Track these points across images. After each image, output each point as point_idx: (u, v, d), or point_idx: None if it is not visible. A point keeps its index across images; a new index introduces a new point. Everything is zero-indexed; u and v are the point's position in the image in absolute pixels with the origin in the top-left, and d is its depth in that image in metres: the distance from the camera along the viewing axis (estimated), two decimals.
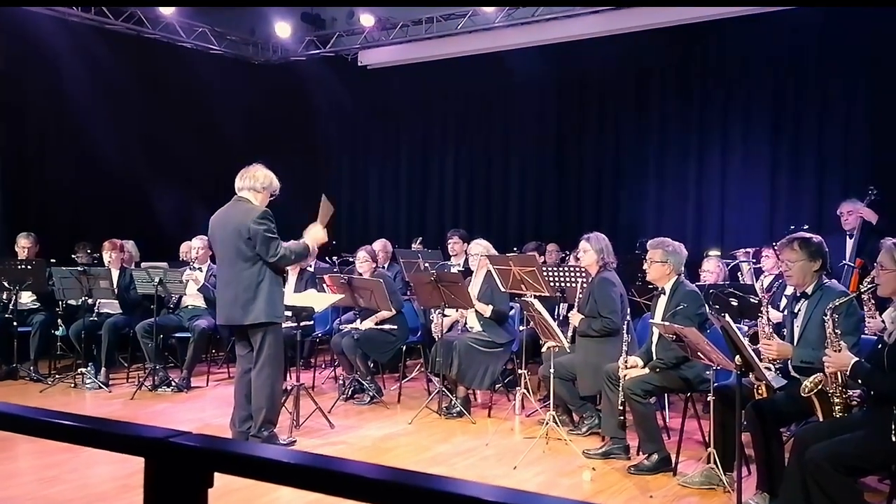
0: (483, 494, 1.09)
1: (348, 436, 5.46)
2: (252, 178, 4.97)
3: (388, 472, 1.18)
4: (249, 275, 4.82)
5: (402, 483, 1.16)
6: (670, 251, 4.86)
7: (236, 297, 4.86)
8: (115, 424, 1.44)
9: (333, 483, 1.19)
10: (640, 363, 4.80)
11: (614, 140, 9.57)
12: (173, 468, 1.28)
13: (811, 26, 8.00)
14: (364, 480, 1.16)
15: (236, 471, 1.28)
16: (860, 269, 6.17)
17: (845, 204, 6.61)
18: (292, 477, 1.24)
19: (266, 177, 5.00)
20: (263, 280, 4.84)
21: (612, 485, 4.43)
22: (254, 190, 4.95)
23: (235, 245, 4.83)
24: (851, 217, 6.48)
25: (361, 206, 11.74)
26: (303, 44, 11.11)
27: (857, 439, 3.25)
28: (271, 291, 4.88)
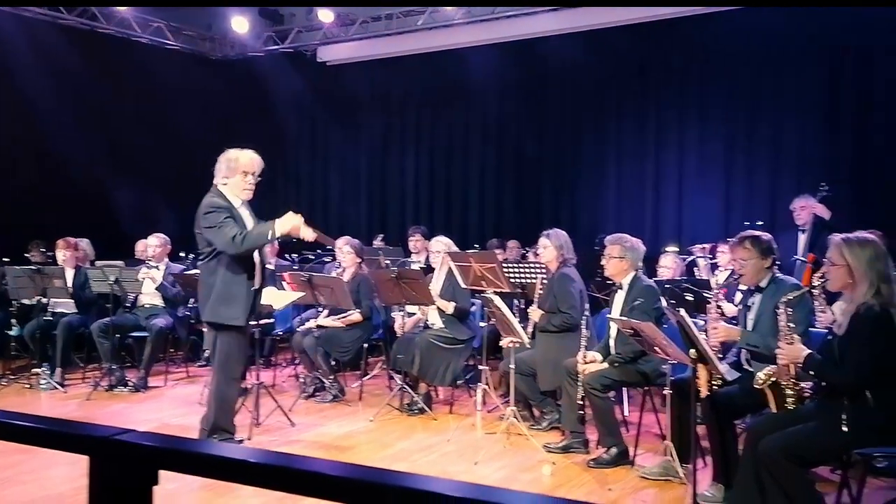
0: (443, 489, 1.11)
1: (309, 434, 5.43)
2: (218, 167, 4.67)
3: (346, 469, 1.18)
4: (206, 270, 4.63)
5: (362, 479, 1.17)
6: (628, 247, 4.93)
7: (200, 293, 4.73)
8: (58, 423, 1.42)
9: (288, 480, 1.19)
10: (599, 358, 4.87)
11: (573, 137, 9.65)
12: (117, 466, 1.26)
13: (766, 26, 8.16)
14: (320, 477, 1.16)
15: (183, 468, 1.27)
16: (812, 264, 6.33)
17: (798, 200, 6.77)
18: (241, 474, 1.24)
19: (229, 160, 4.63)
20: (217, 277, 4.53)
21: (571, 478, 4.48)
22: (220, 183, 4.66)
23: (198, 240, 4.66)
24: (804, 212, 6.63)
25: (321, 203, 11.67)
26: (261, 39, 11.01)
27: (809, 430, 3.33)
28: (224, 290, 4.52)
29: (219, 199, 4.58)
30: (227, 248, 4.46)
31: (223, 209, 4.52)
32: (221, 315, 4.55)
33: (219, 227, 4.46)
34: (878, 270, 3.28)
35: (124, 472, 1.26)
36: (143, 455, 1.27)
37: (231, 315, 4.55)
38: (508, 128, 10.13)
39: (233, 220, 4.52)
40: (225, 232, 4.44)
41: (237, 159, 4.66)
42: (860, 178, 7.70)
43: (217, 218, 4.47)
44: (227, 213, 4.51)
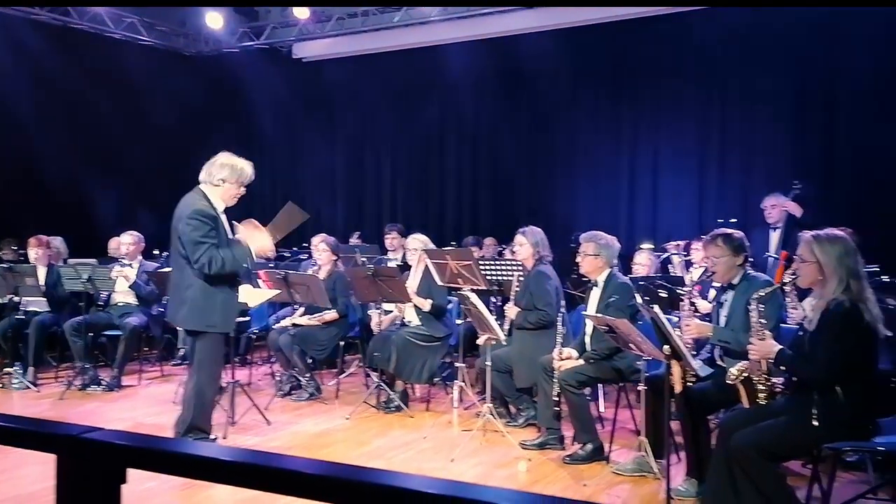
0: (420, 486, 1.11)
1: (284, 432, 5.41)
2: (211, 171, 4.55)
3: (322, 466, 1.18)
4: (184, 275, 4.52)
5: (337, 477, 1.17)
6: (603, 244, 4.97)
7: (174, 295, 4.64)
8: (25, 422, 1.40)
9: (264, 478, 1.19)
10: (575, 355, 4.90)
11: (549, 135, 9.69)
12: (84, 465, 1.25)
13: (738, 24, 8.24)
14: (295, 475, 1.16)
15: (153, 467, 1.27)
16: (785, 261, 6.41)
17: (768, 198, 6.85)
18: (214, 472, 1.23)
19: (230, 169, 4.53)
20: (196, 283, 4.44)
21: (547, 475, 4.51)
22: (210, 184, 4.54)
23: (175, 241, 4.52)
24: (775, 211, 6.71)
25: (297, 200, 11.46)
26: (236, 35, 10.92)
27: (781, 425, 3.38)
28: (204, 297, 4.45)
29: (206, 207, 4.46)
30: (201, 267, 4.36)
31: (209, 220, 4.40)
32: (202, 322, 4.50)
33: (200, 243, 4.35)
34: (847, 266, 3.33)
35: (91, 470, 1.25)
36: (110, 453, 1.26)
37: (212, 322, 4.50)
38: (484, 125, 10.15)
39: (216, 235, 4.42)
40: (206, 253, 4.34)
41: (243, 170, 4.59)
42: (829, 175, 7.81)
43: (201, 230, 4.37)
44: (211, 226, 4.40)
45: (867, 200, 7.49)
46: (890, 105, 7.55)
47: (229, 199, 4.60)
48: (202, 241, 4.35)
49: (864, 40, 7.61)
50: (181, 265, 4.53)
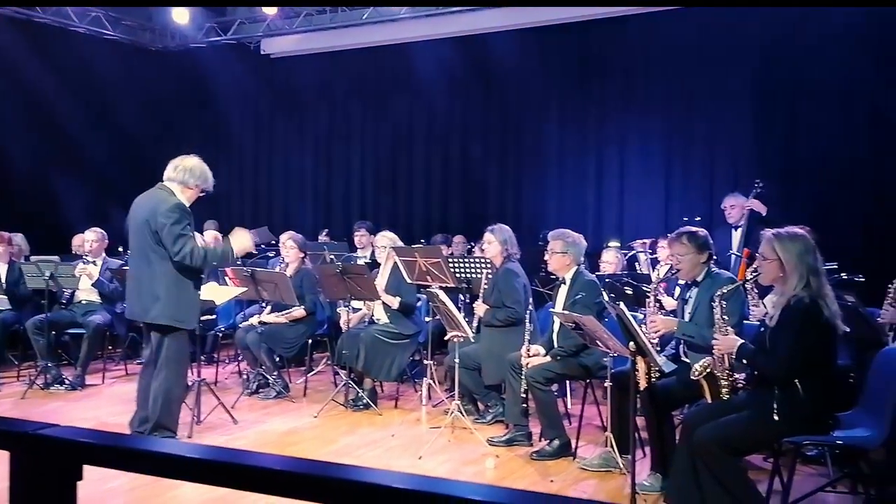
0: (387, 481, 1.12)
1: (251, 431, 5.38)
2: (187, 171, 4.64)
3: (288, 463, 1.18)
4: (154, 271, 4.53)
5: (304, 473, 1.17)
6: (570, 242, 5.01)
7: (140, 291, 4.62)
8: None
9: (228, 475, 1.18)
10: (542, 351, 4.94)
11: (517, 133, 9.73)
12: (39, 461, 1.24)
13: (702, 28, 8.36)
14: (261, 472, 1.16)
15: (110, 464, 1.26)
16: (748, 259, 6.52)
17: (728, 198, 6.95)
18: (172, 469, 1.23)
19: (203, 173, 4.69)
20: (169, 279, 4.51)
21: (514, 471, 4.54)
22: (184, 184, 4.63)
23: (144, 237, 4.54)
24: (734, 211, 6.82)
25: (266, 197, 11.54)
26: (202, 31, 10.79)
27: (742, 420, 3.44)
28: (179, 293, 4.54)
29: (183, 203, 4.60)
30: (182, 258, 4.48)
31: (187, 216, 4.57)
32: (174, 318, 4.56)
33: (182, 236, 4.48)
34: (807, 264, 3.40)
35: (46, 467, 1.24)
36: (65, 450, 1.25)
37: (183, 318, 4.61)
38: (453, 123, 10.16)
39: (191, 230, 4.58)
40: (188, 245, 4.48)
41: (206, 179, 4.74)
42: (790, 175, 7.95)
43: (182, 224, 4.50)
44: (189, 220, 4.56)
45: (826, 200, 7.66)
46: (848, 107, 7.71)
47: (190, 201, 4.73)
48: (184, 234, 4.48)
49: (825, 41, 7.76)
50: (149, 261, 4.56)
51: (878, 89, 7.50)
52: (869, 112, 7.61)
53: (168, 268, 4.52)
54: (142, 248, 4.58)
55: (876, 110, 7.52)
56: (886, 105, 7.38)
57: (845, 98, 7.73)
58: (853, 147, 7.67)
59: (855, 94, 7.68)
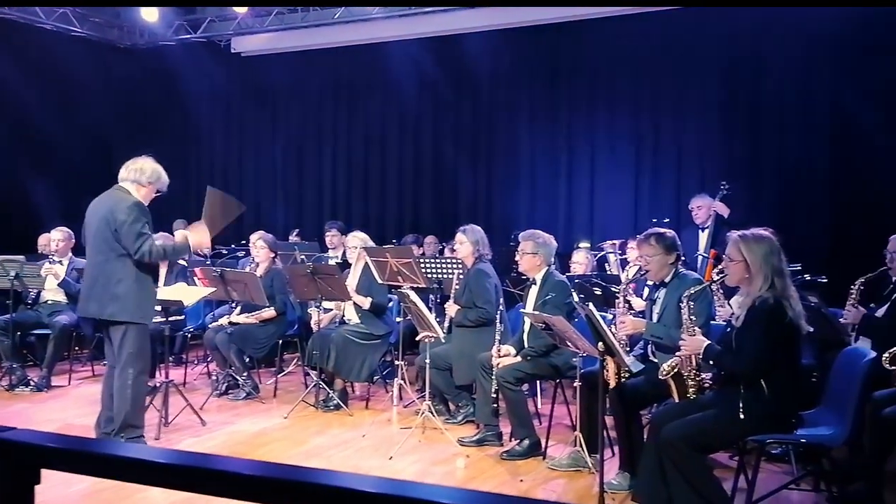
0: (356, 485, 1.12)
1: (220, 432, 5.34)
2: (138, 170, 4.72)
3: (257, 467, 1.18)
4: (114, 269, 4.58)
5: (274, 477, 1.17)
6: (541, 243, 5.04)
7: (98, 289, 4.63)
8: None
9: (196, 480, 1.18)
10: (513, 352, 4.97)
11: (489, 134, 9.75)
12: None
13: (671, 31, 8.44)
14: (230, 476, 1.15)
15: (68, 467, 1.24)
16: (714, 260, 6.61)
17: (695, 199, 7.04)
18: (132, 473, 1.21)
19: (154, 171, 4.76)
20: (129, 276, 4.58)
21: (484, 471, 4.56)
22: (137, 183, 4.70)
23: (103, 235, 4.60)
24: (701, 211, 6.91)
25: (236, 196, 11.34)
26: (172, 28, 10.67)
27: (708, 418, 3.49)
28: (138, 290, 4.62)
29: (140, 201, 4.67)
30: (142, 256, 4.57)
31: (145, 214, 4.64)
32: (135, 314, 4.63)
33: (141, 234, 4.56)
34: (772, 265, 3.46)
35: (1, 470, 1.22)
36: (22, 453, 1.23)
37: (144, 314, 4.70)
38: (426, 123, 10.15)
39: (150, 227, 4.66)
40: (147, 242, 4.57)
41: (159, 178, 4.81)
42: (756, 177, 8.07)
43: (141, 221, 4.57)
44: (147, 219, 4.63)
45: (790, 202, 7.79)
46: (812, 111, 7.85)
47: (145, 200, 4.78)
48: (143, 233, 4.56)
49: (790, 47, 7.89)
50: (107, 259, 4.61)
51: (840, 95, 7.64)
52: (831, 117, 7.74)
53: (129, 265, 4.59)
54: (100, 247, 4.64)
55: (838, 115, 7.66)
56: (849, 110, 7.53)
57: (809, 102, 7.86)
58: (817, 151, 7.81)
59: (818, 98, 7.81)
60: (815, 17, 7.53)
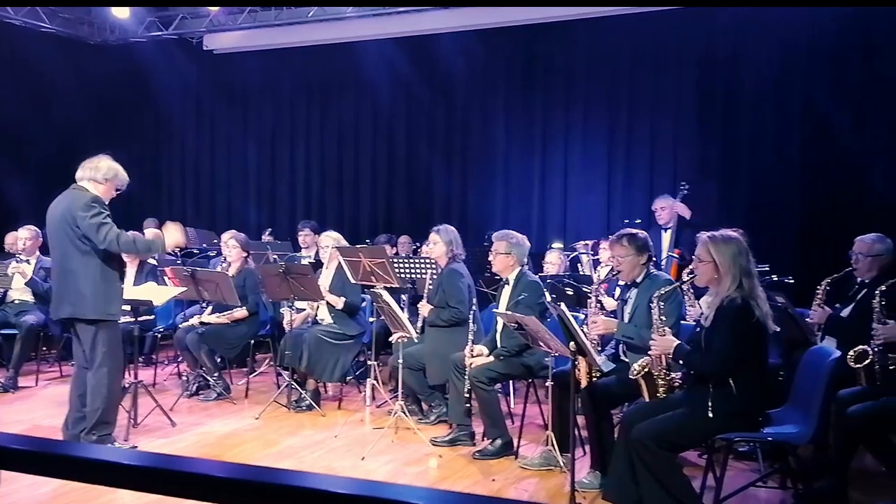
0: (327, 486, 1.12)
1: (190, 433, 5.29)
2: (94, 168, 4.68)
3: (228, 468, 1.17)
4: (77, 267, 4.55)
5: (245, 479, 1.16)
6: (514, 243, 5.07)
7: (66, 289, 4.60)
8: None
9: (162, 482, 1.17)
10: (486, 351, 4.98)
11: (464, 135, 9.77)
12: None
13: (645, 33, 8.52)
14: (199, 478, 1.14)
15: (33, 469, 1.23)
16: (678, 259, 6.70)
17: (658, 200, 7.11)
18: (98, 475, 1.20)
19: (110, 168, 4.72)
20: (93, 274, 4.56)
21: (457, 470, 4.57)
22: (94, 181, 4.67)
23: (65, 234, 4.57)
24: (665, 212, 6.98)
25: (208, 195, 11.34)
26: (143, 25, 10.54)
27: (678, 417, 3.54)
28: (105, 287, 4.60)
29: (98, 196, 4.63)
30: (109, 245, 4.53)
31: (104, 207, 4.60)
32: (103, 311, 4.61)
33: (103, 224, 4.52)
34: (740, 265, 3.51)
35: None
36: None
37: (112, 311, 4.67)
38: (399, 122, 10.15)
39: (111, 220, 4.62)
40: (111, 231, 4.53)
41: (116, 174, 4.76)
42: (727, 177, 8.18)
43: (102, 214, 4.55)
44: (106, 211, 4.60)
45: (761, 203, 7.90)
46: (783, 114, 7.96)
47: (105, 199, 4.73)
48: (104, 223, 4.53)
49: (762, 46, 8.00)
50: (72, 258, 4.58)
51: (812, 97, 7.77)
52: (802, 119, 7.86)
53: (94, 262, 4.56)
54: (63, 247, 4.61)
55: (810, 118, 7.78)
56: (820, 112, 7.65)
57: (781, 105, 7.98)
58: (788, 153, 7.92)
59: (790, 101, 7.94)
60: (788, 18, 7.66)
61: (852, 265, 4.63)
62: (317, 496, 1.11)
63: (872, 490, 4.03)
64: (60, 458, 1.25)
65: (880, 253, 4.53)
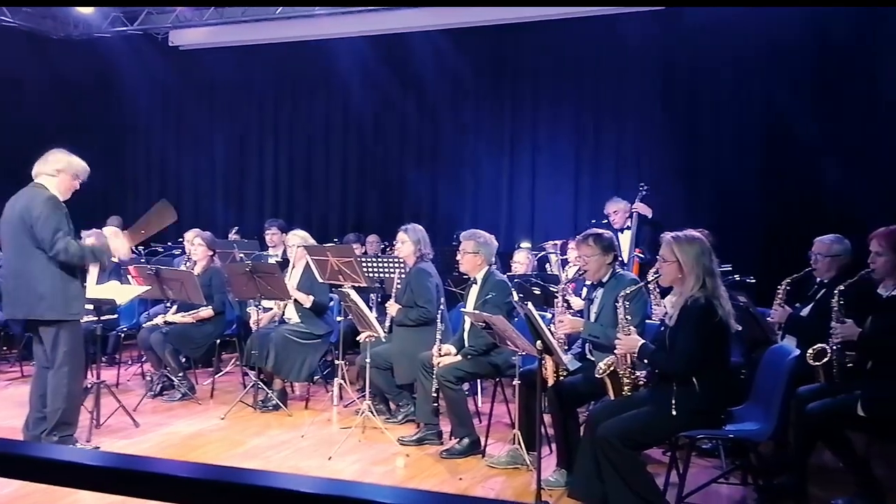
0: (293, 485, 1.12)
1: (154, 434, 5.23)
2: (44, 161, 4.62)
3: (192, 468, 1.16)
4: (36, 266, 4.46)
5: (209, 479, 1.16)
6: (481, 242, 5.09)
7: (22, 289, 4.51)
8: None
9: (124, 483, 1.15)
10: (453, 351, 5.00)
11: (434, 134, 9.78)
12: None
13: (612, 32, 8.57)
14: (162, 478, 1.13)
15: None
16: (640, 258, 6.78)
17: (610, 204, 7.15)
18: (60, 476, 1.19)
19: (59, 159, 4.63)
20: (52, 273, 4.47)
21: (424, 470, 4.58)
22: (47, 174, 4.59)
23: (24, 233, 4.48)
24: (618, 216, 7.04)
25: (174, 193, 11.17)
26: (108, 20, 10.37)
27: (643, 415, 3.58)
28: (64, 286, 4.51)
29: (56, 196, 4.55)
30: (57, 254, 4.45)
31: (60, 208, 4.53)
32: (64, 311, 4.53)
33: (58, 230, 4.44)
34: (703, 265, 3.57)
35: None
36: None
37: (73, 310, 4.60)
38: (369, 121, 10.11)
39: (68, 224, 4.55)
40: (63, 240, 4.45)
41: (69, 164, 4.67)
42: (691, 178, 8.28)
43: (58, 217, 4.48)
44: (63, 212, 4.53)
45: (723, 204, 8.01)
46: (746, 117, 8.08)
47: (65, 192, 4.67)
48: (59, 228, 4.45)
49: (726, 52, 8.11)
50: (29, 257, 4.50)
51: (773, 98, 7.89)
52: (764, 119, 7.98)
53: (46, 262, 4.48)
54: (20, 246, 4.52)
55: (771, 119, 7.91)
56: (780, 113, 7.78)
57: (743, 106, 8.09)
58: (750, 154, 8.04)
59: (753, 102, 8.05)
60: (746, 19, 7.78)
61: (812, 265, 4.72)
62: (283, 496, 1.10)
63: (830, 485, 4.12)
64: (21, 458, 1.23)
65: (838, 253, 4.63)
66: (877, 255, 3.90)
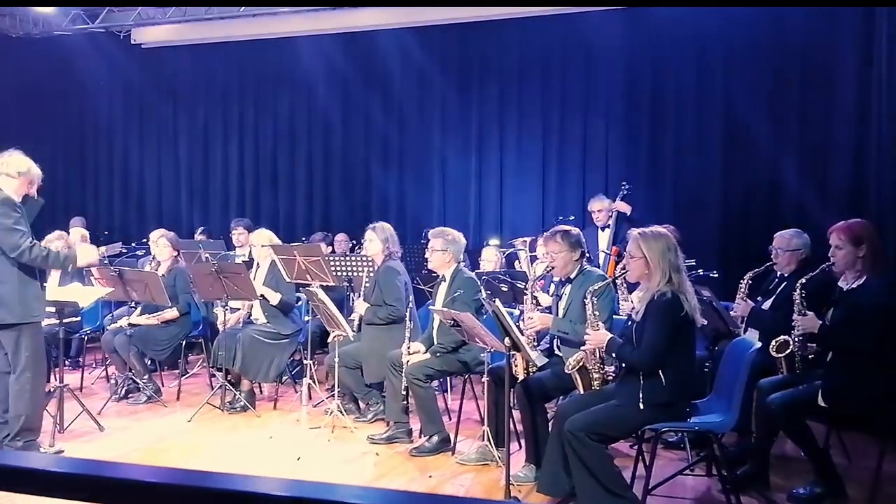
0: (262, 489, 1.11)
1: (119, 438, 5.16)
2: (5, 163, 4.53)
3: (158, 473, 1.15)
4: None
5: (176, 484, 1.15)
6: (450, 240, 5.10)
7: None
8: None
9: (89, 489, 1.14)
10: (423, 349, 5.00)
11: (401, 133, 9.75)
12: None
13: (577, 32, 8.64)
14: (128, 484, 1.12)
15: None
16: (616, 257, 6.84)
17: (594, 202, 7.24)
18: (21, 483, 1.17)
19: (23, 163, 4.56)
20: (10, 276, 4.40)
21: (394, 467, 4.58)
22: (7, 175, 4.51)
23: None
24: (601, 214, 7.12)
25: (137, 193, 11.03)
26: (69, 17, 10.19)
27: (609, 409, 3.62)
28: (23, 289, 4.44)
29: (9, 197, 4.47)
30: (21, 255, 4.39)
31: (17, 208, 4.46)
32: (24, 315, 4.47)
33: (15, 230, 4.39)
34: (669, 261, 3.61)
35: None
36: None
37: (34, 312, 4.53)
38: (336, 119, 10.06)
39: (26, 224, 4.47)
40: (23, 238, 4.39)
41: (29, 169, 4.60)
42: (655, 177, 8.39)
43: (13, 217, 4.41)
44: (20, 214, 4.46)
45: (686, 201, 8.13)
46: (706, 111, 8.20)
47: (20, 195, 4.60)
48: (17, 228, 4.41)
49: (685, 47, 8.22)
50: None
51: (729, 98, 8.03)
52: (721, 120, 8.11)
53: (8, 265, 4.41)
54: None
55: (727, 119, 8.05)
56: (736, 113, 7.93)
57: (703, 105, 8.21)
58: (710, 152, 8.16)
59: (712, 101, 8.16)
60: (703, 19, 7.90)
61: (772, 259, 4.81)
62: (252, 499, 1.10)
63: (792, 474, 4.21)
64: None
65: (798, 248, 4.72)
66: (837, 248, 3.98)
